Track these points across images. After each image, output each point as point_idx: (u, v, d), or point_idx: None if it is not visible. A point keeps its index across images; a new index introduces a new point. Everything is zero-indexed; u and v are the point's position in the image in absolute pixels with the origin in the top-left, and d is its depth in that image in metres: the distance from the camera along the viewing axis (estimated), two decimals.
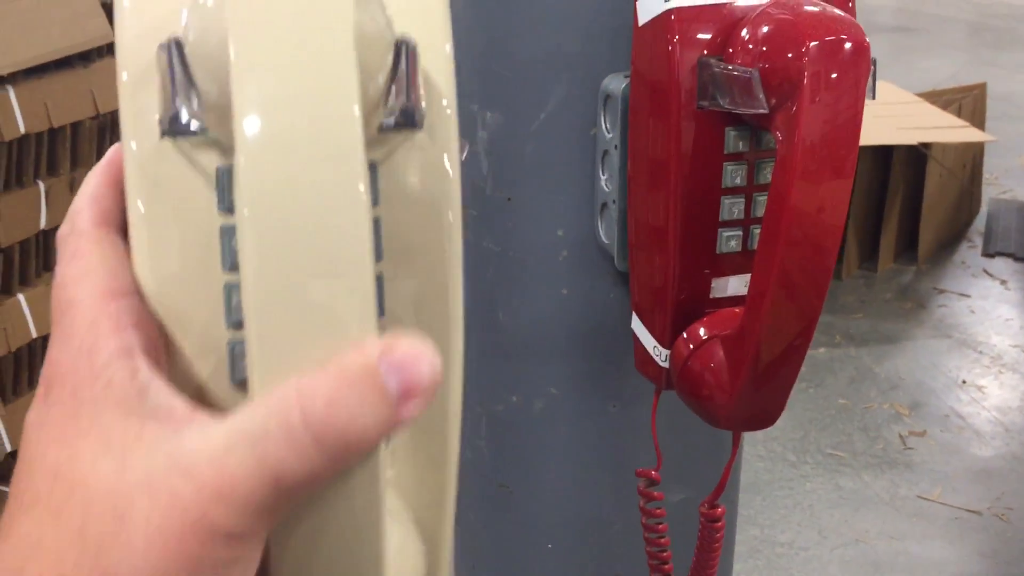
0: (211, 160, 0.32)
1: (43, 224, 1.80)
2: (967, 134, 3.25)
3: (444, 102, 0.34)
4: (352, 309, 0.27)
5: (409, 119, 0.32)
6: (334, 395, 0.26)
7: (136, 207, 0.32)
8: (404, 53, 0.32)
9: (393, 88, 0.31)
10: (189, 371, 0.32)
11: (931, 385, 2.68)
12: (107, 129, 1.92)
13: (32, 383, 1.81)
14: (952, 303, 3.17)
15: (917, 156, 3.26)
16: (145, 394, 0.28)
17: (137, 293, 0.31)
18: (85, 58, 1.84)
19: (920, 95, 3.58)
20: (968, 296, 3.21)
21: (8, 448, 1.72)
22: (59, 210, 1.83)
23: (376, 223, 0.33)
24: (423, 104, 0.32)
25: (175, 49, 0.31)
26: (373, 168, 0.33)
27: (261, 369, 0.27)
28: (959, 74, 5.29)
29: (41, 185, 1.77)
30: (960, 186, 3.56)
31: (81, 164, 1.86)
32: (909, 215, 3.38)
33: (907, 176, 3.31)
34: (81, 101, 1.80)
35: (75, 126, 1.83)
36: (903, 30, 6.64)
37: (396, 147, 0.33)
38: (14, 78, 1.67)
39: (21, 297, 1.75)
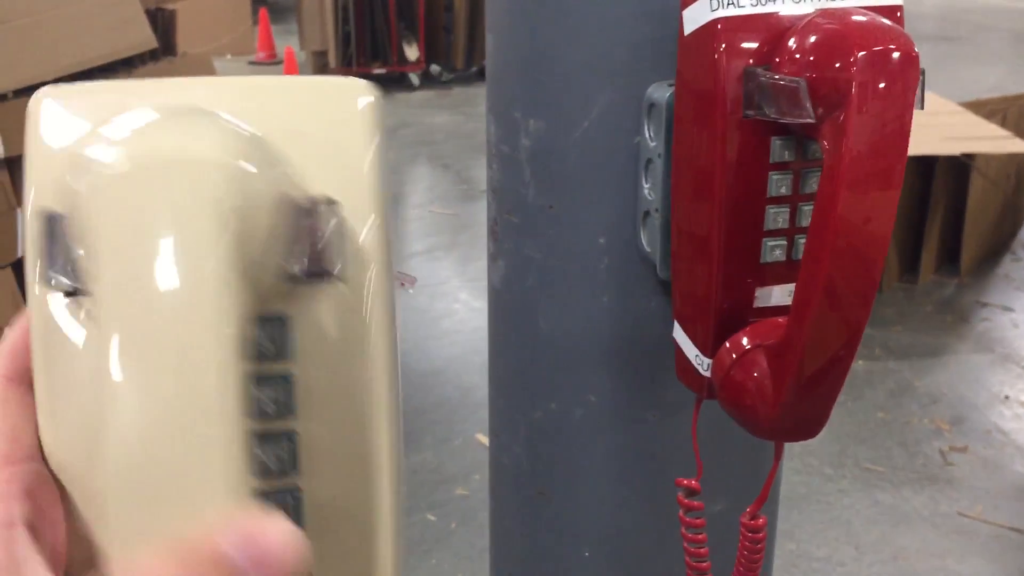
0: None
1: None
2: (1011, 145, 3.19)
3: (372, 256, 0.34)
4: (209, 484, 0.27)
5: (318, 271, 0.33)
6: None
7: (37, 359, 0.33)
8: (312, 211, 0.32)
9: (297, 245, 0.32)
10: (88, 532, 0.32)
11: (973, 400, 2.64)
12: None
13: None
14: (995, 316, 3.12)
15: (960, 167, 3.21)
16: (17, 570, 0.28)
17: (38, 456, 0.31)
18: (128, 64, 1.87)
19: (963, 105, 3.53)
20: (1012, 310, 3.16)
21: None
22: None
23: (286, 380, 0.33)
24: (334, 257, 0.33)
25: (52, 223, 0.31)
26: (283, 322, 0.33)
27: (112, 546, 0.27)
28: (1003, 83, 5.21)
29: None
30: (1004, 197, 3.51)
31: None
32: (951, 227, 3.34)
33: (950, 187, 3.27)
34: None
35: None
36: (946, 39, 6.56)
37: (313, 299, 0.33)
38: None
39: None
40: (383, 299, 0.34)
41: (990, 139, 3.21)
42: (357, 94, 0.37)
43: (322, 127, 0.35)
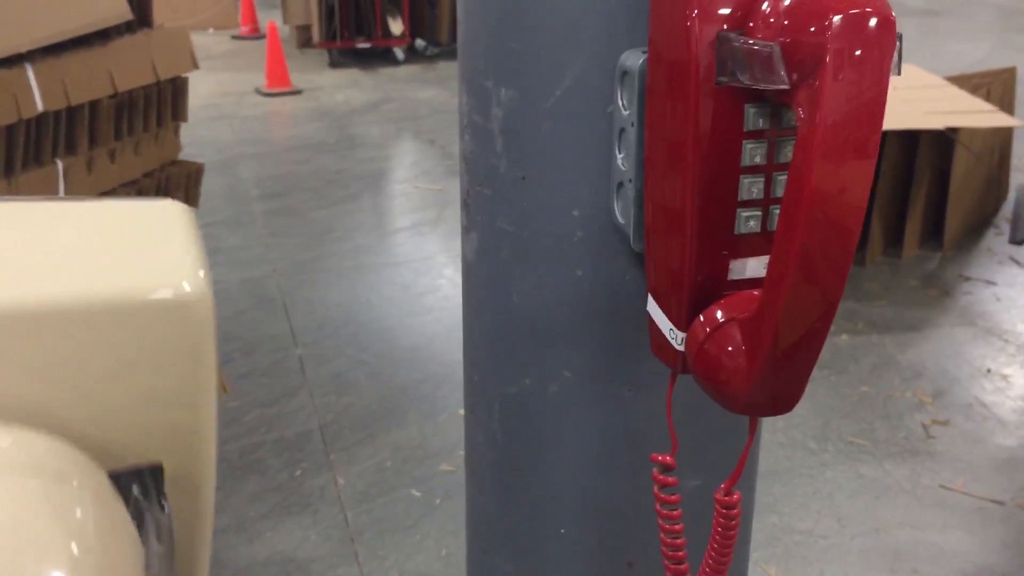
0: None
1: None
2: (996, 119, 3.19)
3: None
4: None
5: None
6: None
7: None
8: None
9: None
10: None
11: (955, 373, 2.65)
12: (125, 108, 1.92)
13: None
14: (978, 290, 3.13)
15: (944, 141, 3.21)
16: None
17: None
18: (103, 36, 1.84)
19: (948, 79, 3.52)
20: (994, 284, 3.17)
21: None
22: (77, 188, 1.83)
23: None
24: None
25: None
26: None
27: None
28: (988, 58, 5.20)
29: (59, 163, 1.78)
30: (987, 172, 3.51)
31: (99, 143, 1.87)
32: (935, 201, 3.34)
33: (933, 161, 3.26)
34: (99, 79, 1.80)
35: (93, 104, 1.83)
36: (932, 13, 6.54)
37: None
38: (32, 56, 1.67)
39: None
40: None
41: (974, 113, 3.20)
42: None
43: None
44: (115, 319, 0.33)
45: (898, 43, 0.46)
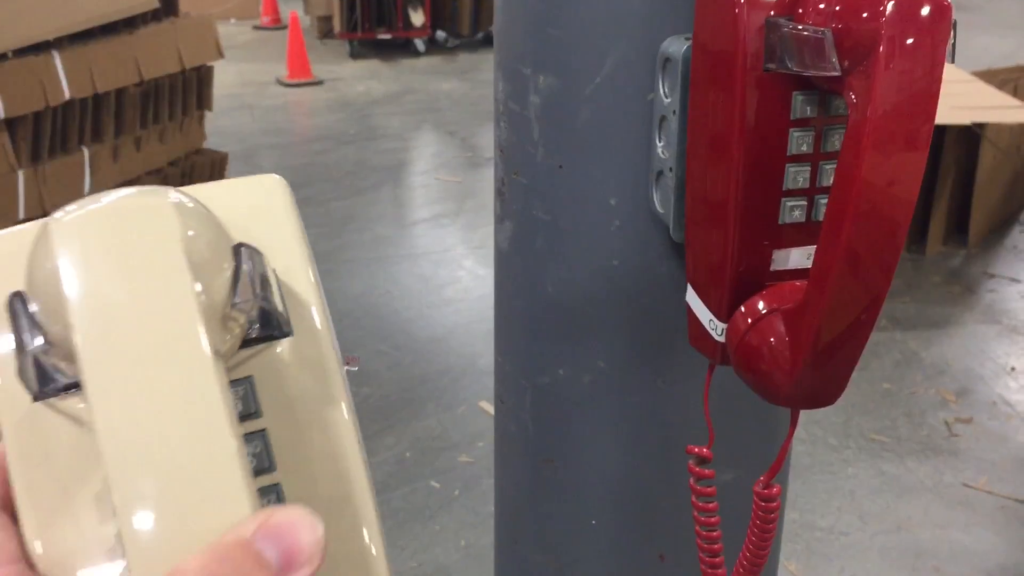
0: (75, 405, 0.33)
1: (87, 189, 1.81)
2: (1022, 115, 3.16)
3: (312, 308, 0.38)
4: (225, 491, 0.29)
5: (269, 324, 0.34)
6: (206, 571, 0.27)
7: (16, 475, 0.33)
8: (248, 263, 0.34)
9: (239, 294, 0.33)
10: None
11: (979, 371, 2.63)
12: (151, 96, 1.92)
13: None
14: (1002, 288, 3.10)
15: (970, 136, 3.18)
16: None
17: (23, 560, 0.32)
18: (130, 24, 1.84)
19: (975, 74, 3.49)
20: (1019, 281, 3.14)
21: None
22: (103, 176, 1.84)
23: (263, 435, 0.35)
24: (280, 308, 0.35)
25: (19, 304, 0.32)
26: (250, 382, 0.35)
27: (136, 563, 0.28)
28: (1016, 53, 5.15)
29: (85, 151, 1.78)
30: (1013, 168, 3.47)
31: (125, 131, 1.87)
32: (960, 197, 3.31)
33: (959, 157, 3.23)
34: (126, 67, 1.80)
35: (120, 92, 1.83)
36: (958, 7, 6.48)
37: (270, 358, 0.36)
38: (60, 43, 1.68)
39: None
40: (329, 352, 0.38)
41: (1001, 109, 3.17)
42: (272, 185, 0.40)
43: (251, 211, 0.39)
44: None
45: (953, 30, 0.45)
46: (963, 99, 3.18)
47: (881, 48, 0.44)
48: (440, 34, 6.88)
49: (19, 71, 1.62)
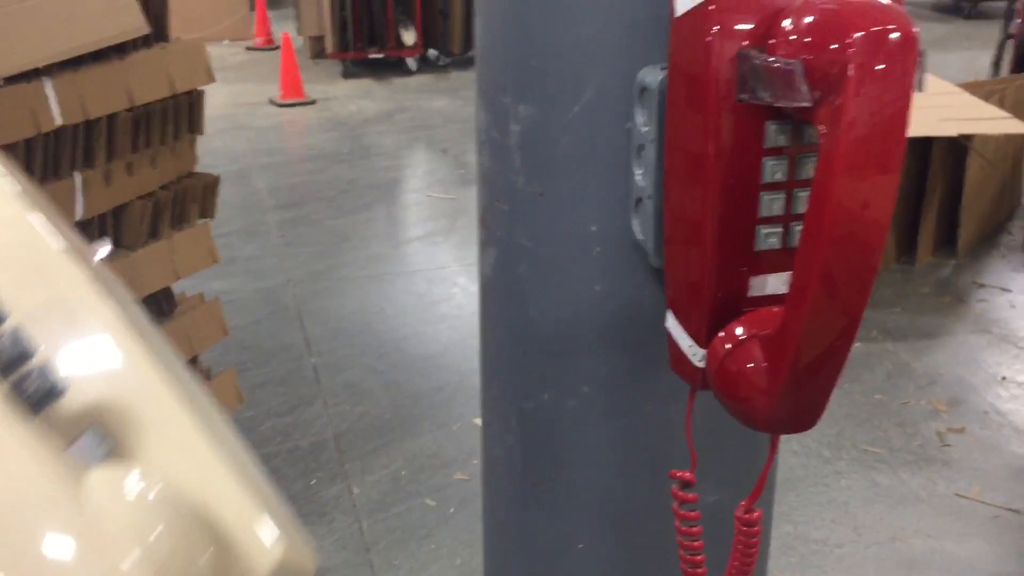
0: None
1: (79, 215, 1.81)
2: (1009, 126, 3.18)
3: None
4: None
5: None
6: None
7: None
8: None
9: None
10: None
11: (970, 381, 2.64)
12: (142, 121, 1.93)
13: None
14: (992, 297, 3.12)
15: (957, 148, 3.20)
16: None
17: None
18: (120, 50, 1.85)
19: (961, 85, 3.51)
20: (1009, 291, 3.16)
21: None
22: (95, 201, 1.84)
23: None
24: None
25: None
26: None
27: None
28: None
29: (77, 177, 1.79)
30: (1001, 178, 3.49)
31: (117, 155, 1.87)
32: (948, 208, 3.32)
33: (947, 168, 3.25)
34: (116, 93, 1.81)
35: (111, 118, 1.84)
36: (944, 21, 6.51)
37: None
38: (50, 70, 1.68)
39: None
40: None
41: (988, 120, 3.19)
42: None
43: None
44: None
45: (921, 59, 0.46)
46: (950, 111, 3.20)
47: (850, 77, 0.45)
48: (432, 53, 6.90)
49: (9, 99, 1.63)
